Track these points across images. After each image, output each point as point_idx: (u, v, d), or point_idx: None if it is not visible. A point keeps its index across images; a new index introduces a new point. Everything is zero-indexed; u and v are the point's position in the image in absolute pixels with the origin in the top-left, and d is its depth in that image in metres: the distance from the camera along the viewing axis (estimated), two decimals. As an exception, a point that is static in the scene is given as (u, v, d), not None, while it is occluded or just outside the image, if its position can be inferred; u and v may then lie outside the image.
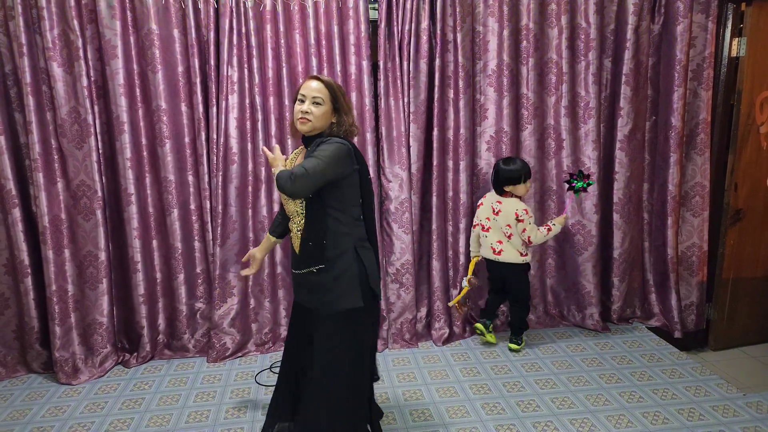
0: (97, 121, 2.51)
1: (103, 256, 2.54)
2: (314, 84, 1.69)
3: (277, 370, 2.57)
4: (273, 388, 2.04)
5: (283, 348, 2.76)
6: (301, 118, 1.68)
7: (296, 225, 1.74)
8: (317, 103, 1.68)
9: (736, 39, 2.62)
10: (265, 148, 1.76)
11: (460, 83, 2.70)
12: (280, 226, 1.98)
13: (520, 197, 2.61)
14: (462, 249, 2.87)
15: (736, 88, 2.62)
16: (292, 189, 1.54)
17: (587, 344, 2.77)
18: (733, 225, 2.66)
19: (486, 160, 2.82)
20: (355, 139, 1.98)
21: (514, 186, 2.57)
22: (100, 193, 2.51)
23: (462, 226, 2.84)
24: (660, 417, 2.13)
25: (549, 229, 2.58)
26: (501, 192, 2.62)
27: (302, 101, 1.69)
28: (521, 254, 2.63)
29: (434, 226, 2.81)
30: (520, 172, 2.54)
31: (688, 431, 2.04)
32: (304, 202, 1.70)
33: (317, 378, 1.71)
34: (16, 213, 2.46)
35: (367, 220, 1.79)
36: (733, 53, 2.64)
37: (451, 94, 2.73)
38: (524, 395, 2.31)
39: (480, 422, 2.12)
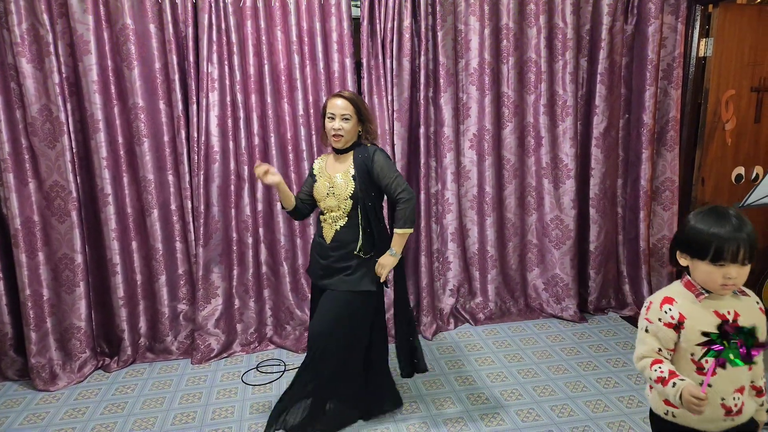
0: (71, 119, 2.42)
1: (79, 258, 2.47)
2: (339, 102, 1.89)
3: (264, 369, 2.58)
4: (262, 386, 2.04)
5: (269, 347, 2.77)
6: (334, 135, 1.89)
7: (330, 217, 1.94)
8: (346, 119, 1.89)
9: (704, 40, 2.73)
10: None
11: (443, 81, 2.73)
12: (297, 206, 2.10)
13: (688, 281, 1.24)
14: (449, 246, 2.92)
15: (704, 86, 2.74)
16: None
17: (566, 334, 2.88)
18: (700, 218, 2.80)
19: (469, 158, 2.87)
20: None
21: (696, 261, 1.19)
22: (75, 194, 2.43)
23: (446, 222, 2.90)
24: (634, 401, 2.24)
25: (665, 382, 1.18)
26: (677, 266, 1.26)
27: (332, 118, 1.88)
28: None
29: (422, 224, 2.85)
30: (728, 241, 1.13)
31: (661, 415, 2.16)
32: (352, 201, 1.91)
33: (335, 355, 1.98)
34: (-15, 215, 2.36)
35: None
36: (701, 53, 2.75)
37: (434, 92, 2.76)
38: (507, 385, 2.39)
39: (466, 413, 2.18)
